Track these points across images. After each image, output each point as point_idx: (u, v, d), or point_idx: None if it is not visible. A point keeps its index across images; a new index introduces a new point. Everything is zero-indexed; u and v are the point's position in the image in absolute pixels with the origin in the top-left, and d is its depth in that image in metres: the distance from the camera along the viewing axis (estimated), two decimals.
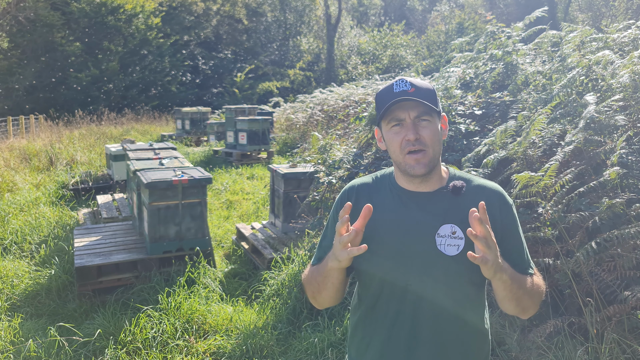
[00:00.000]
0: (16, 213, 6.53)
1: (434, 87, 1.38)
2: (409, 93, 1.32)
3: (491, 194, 1.39)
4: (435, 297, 1.34)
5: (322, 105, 13.21)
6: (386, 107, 1.32)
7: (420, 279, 1.35)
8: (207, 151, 12.68)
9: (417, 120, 1.33)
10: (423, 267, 1.34)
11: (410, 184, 1.40)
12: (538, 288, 1.38)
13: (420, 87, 1.34)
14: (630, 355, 2.41)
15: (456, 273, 1.33)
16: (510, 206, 1.40)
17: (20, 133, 15.08)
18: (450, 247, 1.32)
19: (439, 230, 1.34)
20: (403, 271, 1.36)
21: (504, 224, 1.37)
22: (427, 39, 25.17)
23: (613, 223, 2.55)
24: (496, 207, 1.37)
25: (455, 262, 1.32)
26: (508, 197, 1.41)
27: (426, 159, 1.32)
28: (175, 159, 5.68)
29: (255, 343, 3.43)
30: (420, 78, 8.37)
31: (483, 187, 1.41)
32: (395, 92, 1.33)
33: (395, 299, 1.38)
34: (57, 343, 3.41)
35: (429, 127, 1.33)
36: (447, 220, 1.34)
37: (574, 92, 3.42)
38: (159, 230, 4.63)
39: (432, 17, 30.65)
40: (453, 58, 5.60)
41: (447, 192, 1.38)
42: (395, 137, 1.34)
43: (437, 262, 1.33)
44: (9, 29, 22.80)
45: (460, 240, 1.32)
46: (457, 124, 3.94)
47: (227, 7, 31.31)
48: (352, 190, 1.49)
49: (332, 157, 4.69)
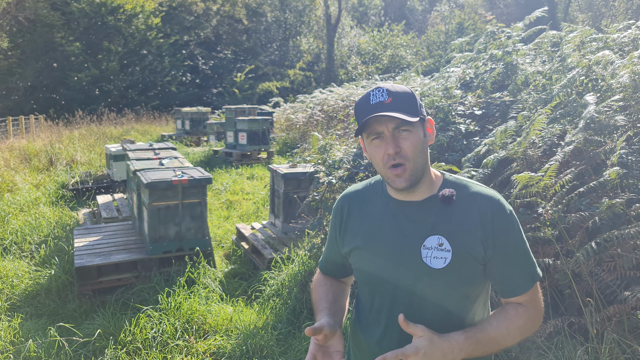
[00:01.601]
0: (16, 213, 6.53)
1: (412, 90, 1.31)
2: (386, 104, 1.25)
3: (485, 203, 1.30)
4: (424, 312, 1.29)
5: (322, 105, 13.22)
6: (362, 122, 1.26)
7: (407, 292, 1.31)
8: (207, 151, 12.68)
9: (396, 132, 1.26)
10: (409, 280, 1.30)
11: (399, 193, 1.35)
12: (519, 327, 1.29)
13: (397, 94, 1.27)
14: (630, 355, 2.41)
15: (444, 286, 1.28)
16: (507, 217, 1.29)
17: (20, 133, 15.08)
18: (437, 260, 1.27)
19: (425, 242, 1.29)
20: (391, 284, 1.33)
21: (497, 237, 1.28)
22: (427, 39, 25.19)
23: (613, 223, 2.55)
24: (488, 218, 1.28)
25: (442, 275, 1.27)
26: (506, 205, 1.31)
27: (407, 174, 1.27)
28: (175, 159, 5.68)
29: (255, 343, 3.43)
30: (420, 78, 8.37)
31: (476, 195, 1.32)
32: (371, 104, 1.27)
33: (384, 313, 1.36)
34: (57, 343, 3.41)
35: (410, 137, 1.26)
36: (435, 232, 1.29)
37: (574, 92, 3.42)
38: (159, 230, 4.63)
39: (432, 17, 30.67)
40: (453, 58, 5.60)
41: (437, 201, 1.32)
42: (377, 151, 1.29)
43: (423, 275, 1.28)
44: (9, 29, 22.80)
45: (447, 253, 1.27)
46: (457, 124, 3.94)
47: (227, 7, 31.31)
48: (344, 199, 1.48)
49: (332, 157, 4.69)
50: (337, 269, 1.55)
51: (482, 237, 1.27)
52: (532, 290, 1.33)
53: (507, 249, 1.29)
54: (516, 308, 1.31)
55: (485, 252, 1.28)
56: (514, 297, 1.33)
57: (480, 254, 1.28)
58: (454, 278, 1.27)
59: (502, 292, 1.35)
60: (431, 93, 4.58)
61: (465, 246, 1.27)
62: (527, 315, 1.31)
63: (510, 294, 1.33)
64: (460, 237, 1.28)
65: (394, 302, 1.34)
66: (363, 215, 1.41)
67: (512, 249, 1.30)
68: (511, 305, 1.33)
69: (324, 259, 1.58)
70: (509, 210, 1.31)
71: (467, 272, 1.28)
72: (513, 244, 1.30)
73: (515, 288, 1.32)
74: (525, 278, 1.32)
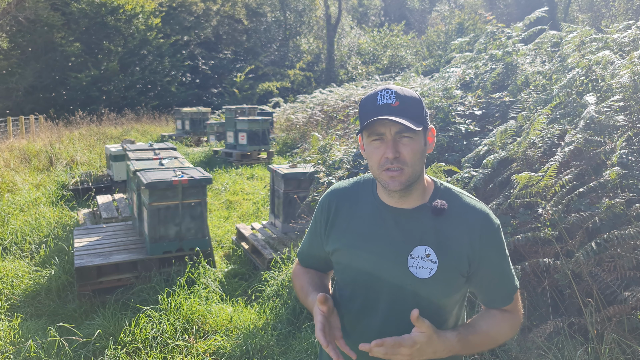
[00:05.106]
0: (16, 213, 6.53)
1: (419, 97, 1.31)
2: (392, 108, 1.24)
3: (475, 218, 1.32)
4: (405, 315, 1.28)
5: (322, 105, 13.22)
6: (366, 123, 1.25)
7: (389, 298, 1.33)
8: (207, 151, 12.68)
9: (397, 137, 1.26)
10: (394, 287, 1.32)
11: (390, 198, 1.35)
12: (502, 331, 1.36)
13: (405, 99, 1.26)
14: (630, 355, 2.41)
15: (427, 295, 1.30)
16: (494, 232, 1.32)
17: (20, 133, 15.08)
18: (422, 270, 1.29)
19: (413, 251, 1.30)
20: (374, 289, 1.34)
21: (483, 252, 1.31)
22: (427, 39, 25.19)
23: (613, 223, 2.55)
24: (476, 233, 1.30)
25: (426, 285, 1.29)
26: (495, 220, 1.33)
27: (403, 178, 1.27)
28: (175, 159, 5.68)
29: (255, 343, 3.43)
30: (420, 78, 8.37)
31: (468, 207, 1.33)
32: (378, 104, 1.26)
33: (367, 314, 1.36)
34: (57, 343, 3.41)
35: (410, 144, 1.26)
36: (423, 242, 1.30)
37: (574, 92, 3.42)
38: (159, 230, 4.63)
39: (432, 17, 30.68)
40: (453, 58, 5.61)
41: (427, 210, 1.33)
42: (375, 152, 1.29)
43: (407, 284, 1.30)
44: (9, 29, 22.79)
45: (433, 264, 1.29)
46: (457, 124, 3.94)
47: (227, 7, 31.31)
48: (332, 196, 1.47)
49: (332, 157, 4.69)
50: (318, 263, 1.55)
51: (469, 252, 1.30)
52: (515, 300, 1.39)
53: (492, 264, 1.34)
54: (502, 313, 1.38)
55: (470, 266, 1.31)
56: (498, 307, 1.39)
57: (464, 267, 1.31)
58: (437, 288, 1.30)
59: (486, 302, 1.40)
60: (431, 93, 4.58)
61: (451, 259, 1.30)
62: (512, 320, 1.38)
63: (493, 304, 1.39)
64: (447, 250, 1.30)
65: (375, 304, 1.35)
66: (351, 216, 1.40)
67: (496, 264, 1.34)
68: (498, 310, 1.39)
69: (305, 253, 1.57)
70: (497, 225, 1.34)
71: (450, 283, 1.31)
72: (498, 259, 1.34)
73: (498, 300, 1.38)
74: (508, 290, 1.37)
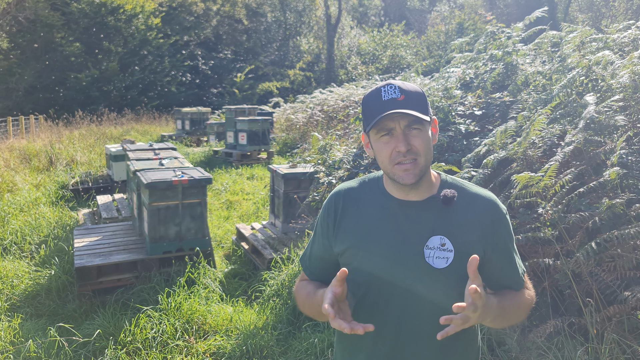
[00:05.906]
0: (16, 213, 6.53)
1: (422, 90, 1.32)
2: (399, 102, 1.25)
3: (484, 205, 1.34)
4: (420, 311, 1.30)
5: (322, 105, 13.22)
6: (376, 120, 1.25)
7: (404, 291, 1.31)
8: (207, 151, 12.68)
9: (407, 130, 1.26)
10: (409, 280, 1.30)
11: (400, 192, 1.35)
12: (524, 304, 1.38)
13: (410, 92, 1.27)
14: (630, 355, 2.41)
15: (445, 286, 1.29)
16: (504, 218, 1.35)
17: (20, 133, 15.08)
18: (439, 260, 1.29)
19: (428, 242, 1.30)
20: (390, 283, 1.33)
21: (496, 237, 1.33)
22: (427, 39, 25.17)
23: (613, 223, 2.55)
24: (488, 219, 1.32)
25: (444, 275, 1.29)
26: (502, 206, 1.36)
27: (417, 169, 1.27)
28: (175, 159, 5.68)
29: (255, 343, 3.43)
30: (420, 78, 8.37)
31: (476, 196, 1.35)
32: (384, 100, 1.26)
33: (380, 312, 1.35)
34: (57, 343, 3.41)
35: (420, 135, 1.27)
36: (437, 232, 1.30)
37: (574, 92, 3.42)
38: (159, 230, 4.63)
39: (432, 17, 30.67)
40: (453, 58, 5.60)
41: (437, 201, 1.33)
42: (385, 147, 1.28)
43: (425, 275, 1.29)
44: (9, 29, 22.79)
45: (449, 253, 1.29)
46: (457, 124, 3.94)
47: (227, 7, 31.31)
48: (338, 196, 1.44)
49: (332, 157, 4.69)
50: (323, 266, 1.49)
51: (482, 238, 1.32)
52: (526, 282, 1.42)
53: (504, 249, 1.36)
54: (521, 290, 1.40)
55: (484, 252, 1.32)
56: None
57: (480, 254, 1.30)
58: (454, 277, 1.29)
59: (500, 288, 1.40)
60: (431, 93, 4.58)
61: (466, 246, 1.30)
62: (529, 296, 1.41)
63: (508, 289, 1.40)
64: (461, 238, 1.31)
65: (389, 301, 1.34)
66: (359, 214, 1.39)
67: (508, 248, 1.37)
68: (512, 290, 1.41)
69: (310, 256, 1.51)
70: (505, 211, 1.37)
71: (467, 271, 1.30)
72: (509, 244, 1.37)
73: (512, 284, 1.39)
74: (520, 273, 1.39)
